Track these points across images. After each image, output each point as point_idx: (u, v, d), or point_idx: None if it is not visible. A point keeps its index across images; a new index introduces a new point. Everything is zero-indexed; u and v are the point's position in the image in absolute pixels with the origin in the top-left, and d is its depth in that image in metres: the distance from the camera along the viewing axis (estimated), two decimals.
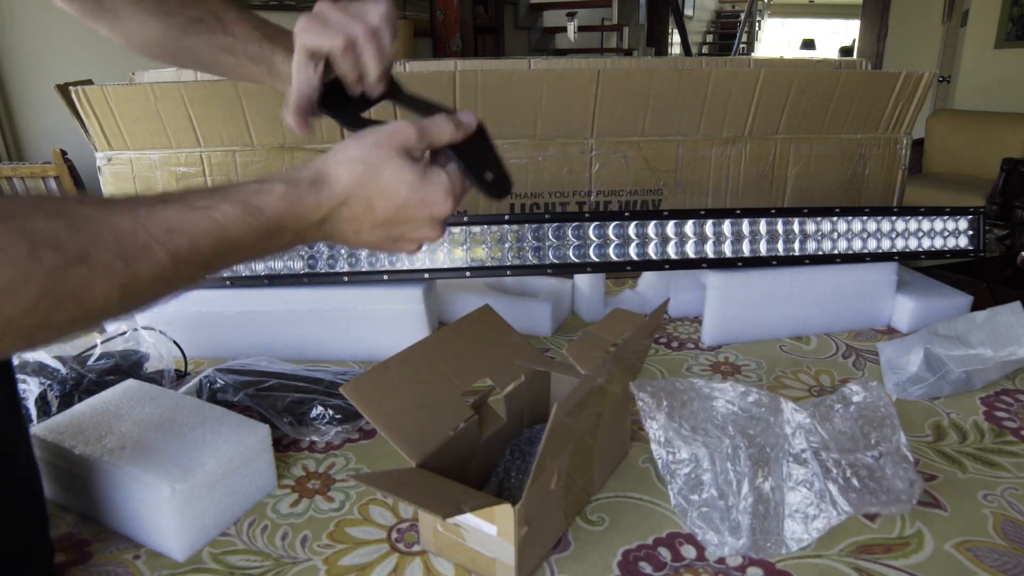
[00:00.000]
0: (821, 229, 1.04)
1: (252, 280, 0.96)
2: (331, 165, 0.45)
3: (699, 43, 9.57)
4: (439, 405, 0.62)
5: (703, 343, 1.05)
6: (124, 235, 0.36)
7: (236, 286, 0.96)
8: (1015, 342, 0.86)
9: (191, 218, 0.39)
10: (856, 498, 0.60)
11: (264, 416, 0.78)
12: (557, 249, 0.97)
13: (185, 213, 0.39)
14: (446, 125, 0.49)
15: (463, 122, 0.50)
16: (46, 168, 2.10)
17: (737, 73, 1.14)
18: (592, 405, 0.62)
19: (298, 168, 0.45)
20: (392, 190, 0.46)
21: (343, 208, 0.45)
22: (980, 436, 0.80)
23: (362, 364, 0.99)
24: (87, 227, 0.35)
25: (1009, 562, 0.60)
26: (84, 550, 0.64)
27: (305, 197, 0.44)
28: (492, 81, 1.08)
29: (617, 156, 1.18)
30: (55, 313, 0.34)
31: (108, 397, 0.74)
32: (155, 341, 0.89)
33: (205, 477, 0.63)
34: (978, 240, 1.11)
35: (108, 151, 1.11)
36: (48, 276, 0.33)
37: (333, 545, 0.64)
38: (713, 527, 0.60)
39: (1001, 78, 4.31)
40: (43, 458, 0.68)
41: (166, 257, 0.37)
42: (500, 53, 5.05)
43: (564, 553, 0.62)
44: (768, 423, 0.64)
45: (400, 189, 0.46)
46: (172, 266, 0.38)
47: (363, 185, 0.45)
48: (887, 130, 1.25)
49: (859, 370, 0.97)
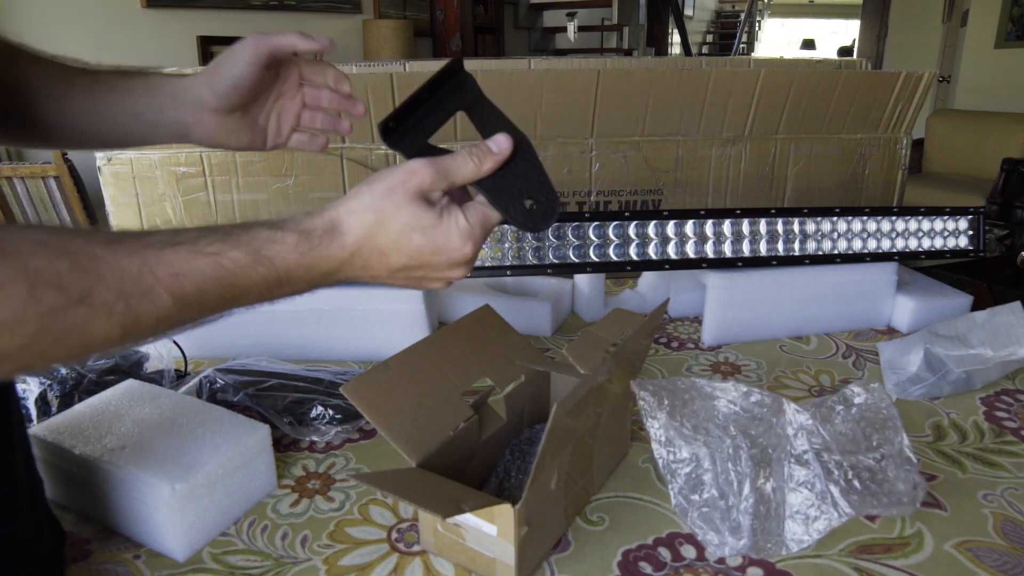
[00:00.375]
0: (821, 229, 1.04)
1: None
2: (343, 214, 0.44)
3: (699, 43, 9.58)
4: (439, 405, 0.63)
5: (703, 343, 1.05)
6: (129, 277, 0.36)
7: None
8: (1015, 342, 0.86)
9: (198, 264, 0.39)
10: (857, 500, 0.60)
11: (264, 416, 0.78)
12: (557, 249, 0.97)
13: (193, 258, 0.39)
14: (468, 163, 0.46)
15: (493, 153, 0.47)
16: (46, 168, 2.10)
17: (737, 73, 1.14)
18: (592, 405, 0.62)
19: (312, 214, 0.44)
20: (405, 239, 0.44)
21: (355, 259, 0.44)
22: (980, 436, 0.80)
23: (362, 364, 0.99)
24: (92, 268, 0.35)
25: (1009, 562, 0.60)
26: (84, 548, 0.64)
27: (316, 248, 0.43)
28: (492, 81, 1.08)
29: (617, 156, 1.18)
30: (53, 349, 0.34)
31: (108, 397, 0.74)
32: None
33: (205, 477, 0.63)
34: (978, 240, 1.11)
35: (108, 151, 1.11)
36: (47, 315, 0.33)
37: (333, 545, 0.64)
38: (713, 527, 0.60)
39: (1001, 78, 4.31)
40: (43, 458, 0.68)
41: (170, 301, 0.38)
42: (500, 53, 5.05)
43: (564, 553, 0.62)
44: (770, 424, 0.64)
45: (413, 237, 0.44)
46: (176, 309, 0.38)
47: (374, 236, 0.44)
48: (887, 130, 1.25)
49: (859, 370, 0.97)
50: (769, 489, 0.61)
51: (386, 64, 1.10)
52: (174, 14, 3.21)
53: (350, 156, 1.12)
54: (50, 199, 2.18)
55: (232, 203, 1.13)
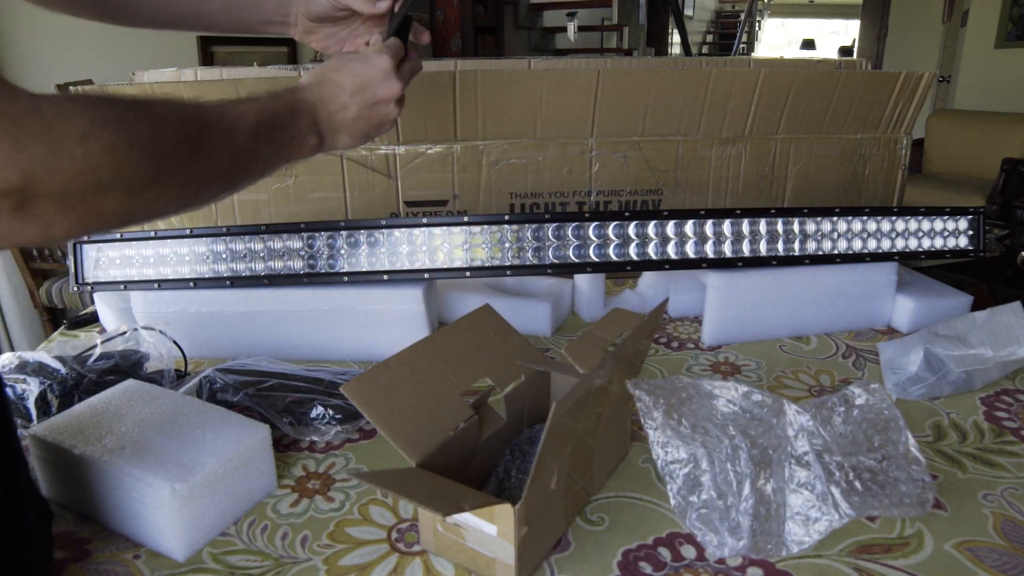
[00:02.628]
0: (821, 229, 1.04)
1: (252, 280, 0.96)
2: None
3: (699, 43, 9.58)
4: (439, 405, 0.63)
5: (703, 343, 1.05)
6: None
7: (236, 286, 0.96)
8: (1015, 342, 0.86)
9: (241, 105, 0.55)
10: (859, 501, 0.60)
11: (264, 416, 0.78)
12: (557, 249, 0.97)
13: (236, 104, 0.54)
14: None
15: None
16: None
17: (737, 73, 1.14)
18: (591, 405, 0.62)
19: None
20: (343, 63, 0.65)
21: (313, 86, 0.63)
22: (980, 436, 0.80)
23: (362, 364, 0.99)
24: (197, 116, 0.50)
25: (1009, 562, 0.60)
26: (84, 548, 0.64)
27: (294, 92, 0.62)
28: (492, 81, 1.08)
29: (617, 156, 1.18)
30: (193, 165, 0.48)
31: (108, 397, 0.74)
32: (155, 341, 0.89)
33: (205, 477, 0.63)
34: (978, 240, 1.11)
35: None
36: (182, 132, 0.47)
37: (333, 545, 0.64)
38: (712, 528, 0.60)
39: (1001, 78, 4.31)
40: (43, 458, 0.68)
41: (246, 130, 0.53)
42: (500, 53, 5.05)
43: (564, 553, 0.62)
44: (770, 424, 0.64)
45: (345, 60, 0.65)
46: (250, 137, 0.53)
47: (321, 73, 0.64)
48: (887, 130, 1.25)
49: (859, 370, 0.97)
50: (769, 490, 0.61)
51: None
52: None
53: (350, 156, 1.12)
54: None
55: (232, 203, 1.13)
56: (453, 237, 0.95)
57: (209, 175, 0.48)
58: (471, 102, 1.09)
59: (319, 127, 0.62)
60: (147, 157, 0.42)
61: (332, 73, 0.64)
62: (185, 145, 0.45)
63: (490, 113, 1.11)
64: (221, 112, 0.50)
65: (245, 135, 0.51)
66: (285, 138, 0.57)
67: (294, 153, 0.59)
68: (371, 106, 0.65)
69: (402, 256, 0.95)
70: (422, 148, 1.13)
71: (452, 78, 1.07)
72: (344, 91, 0.63)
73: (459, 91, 1.08)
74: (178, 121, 0.45)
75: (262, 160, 0.54)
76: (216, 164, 0.49)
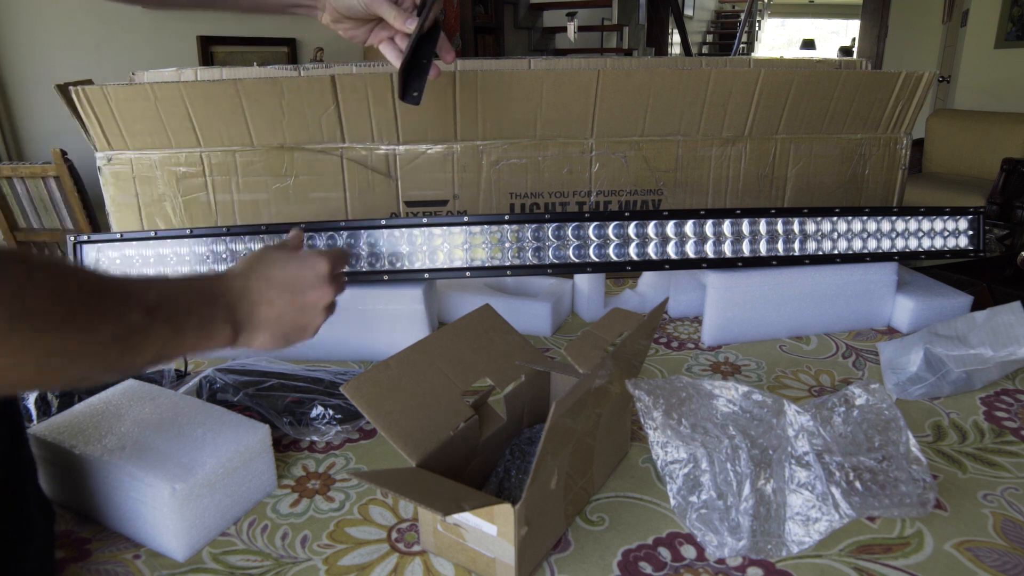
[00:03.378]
0: (821, 229, 1.04)
1: None
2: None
3: (699, 43, 9.57)
4: (439, 405, 0.63)
5: (703, 343, 1.05)
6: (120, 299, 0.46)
7: None
8: (1015, 342, 0.86)
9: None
10: (859, 502, 0.60)
11: (264, 416, 0.78)
12: (557, 249, 0.97)
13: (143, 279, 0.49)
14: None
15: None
16: (46, 168, 2.10)
17: (737, 73, 1.14)
18: (591, 405, 0.62)
19: None
20: (276, 260, 0.61)
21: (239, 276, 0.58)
22: (980, 436, 0.80)
23: (362, 364, 0.99)
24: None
25: (1009, 562, 0.60)
26: (84, 548, 0.64)
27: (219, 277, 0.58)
28: (492, 81, 1.08)
29: (617, 156, 1.18)
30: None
31: (108, 397, 0.74)
32: None
33: (205, 477, 0.63)
34: (978, 240, 1.11)
35: (108, 151, 1.11)
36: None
37: (333, 545, 0.64)
38: (712, 528, 0.60)
39: (1001, 78, 4.31)
40: (43, 457, 0.68)
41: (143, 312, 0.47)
42: (500, 53, 5.05)
43: (564, 553, 0.62)
44: (771, 424, 0.64)
45: (282, 255, 0.62)
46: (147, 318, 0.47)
47: (250, 264, 0.60)
48: (887, 130, 1.25)
49: (859, 370, 0.97)
50: (770, 490, 0.61)
51: (386, 64, 1.10)
52: (174, 14, 3.21)
53: (350, 156, 1.12)
54: (50, 199, 2.18)
55: (232, 203, 1.13)
56: (453, 237, 0.95)
57: (83, 348, 0.42)
58: (471, 102, 1.09)
59: (236, 317, 0.56)
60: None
61: (264, 266, 0.60)
62: (57, 310, 0.40)
63: (490, 113, 1.11)
64: (122, 285, 0.46)
65: (139, 312, 0.45)
66: (191, 322, 0.51)
67: (202, 340, 0.53)
68: (298, 308, 0.60)
69: (402, 256, 0.95)
70: (422, 148, 1.13)
71: (452, 78, 1.07)
72: (272, 286, 0.59)
73: (459, 91, 1.08)
74: (51, 282, 0.40)
75: (159, 341, 0.47)
76: (95, 337, 0.43)
